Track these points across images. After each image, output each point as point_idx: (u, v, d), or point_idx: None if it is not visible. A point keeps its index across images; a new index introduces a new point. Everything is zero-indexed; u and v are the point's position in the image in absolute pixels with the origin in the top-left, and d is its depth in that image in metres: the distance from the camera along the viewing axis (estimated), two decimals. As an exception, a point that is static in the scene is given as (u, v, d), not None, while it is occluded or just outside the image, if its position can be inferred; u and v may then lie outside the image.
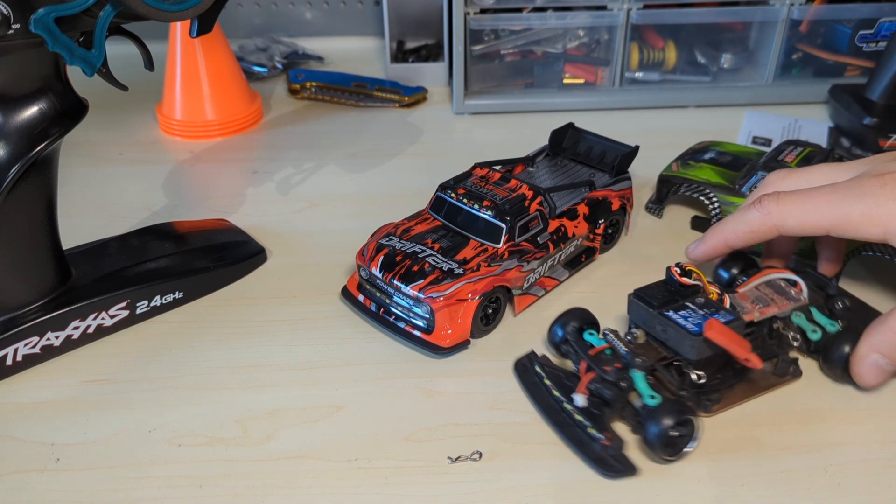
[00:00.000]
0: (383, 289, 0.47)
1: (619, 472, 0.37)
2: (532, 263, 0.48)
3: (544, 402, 0.41)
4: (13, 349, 0.43)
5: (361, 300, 0.48)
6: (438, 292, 0.44)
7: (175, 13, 0.41)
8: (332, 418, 0.42)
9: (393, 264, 0.46)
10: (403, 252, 0.46)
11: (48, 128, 0.41)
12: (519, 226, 0.47)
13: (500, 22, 0.73)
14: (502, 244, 0.47)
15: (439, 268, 0.45)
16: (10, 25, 0.36)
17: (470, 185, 0.50)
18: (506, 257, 0.47)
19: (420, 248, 0.47)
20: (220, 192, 0.64)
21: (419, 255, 0.46)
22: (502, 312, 0.48)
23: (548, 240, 0.49)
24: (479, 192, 0.49)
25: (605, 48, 0.76)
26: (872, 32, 0.75)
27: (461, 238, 0.48)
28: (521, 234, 0.47)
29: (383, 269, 0.46)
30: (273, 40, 0.89)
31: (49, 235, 0.45)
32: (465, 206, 0.48)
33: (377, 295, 0.47)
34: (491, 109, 0.76)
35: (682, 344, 0.39)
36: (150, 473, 0.38)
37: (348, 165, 0.67)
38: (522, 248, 0.48)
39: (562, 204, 0.51)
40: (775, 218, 0.42)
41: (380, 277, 0.46)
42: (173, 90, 0.71)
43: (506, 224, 0.47)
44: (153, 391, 0.43)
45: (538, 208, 0.48)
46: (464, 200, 0.48)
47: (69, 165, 0.47)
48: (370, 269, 0.46)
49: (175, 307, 0.50)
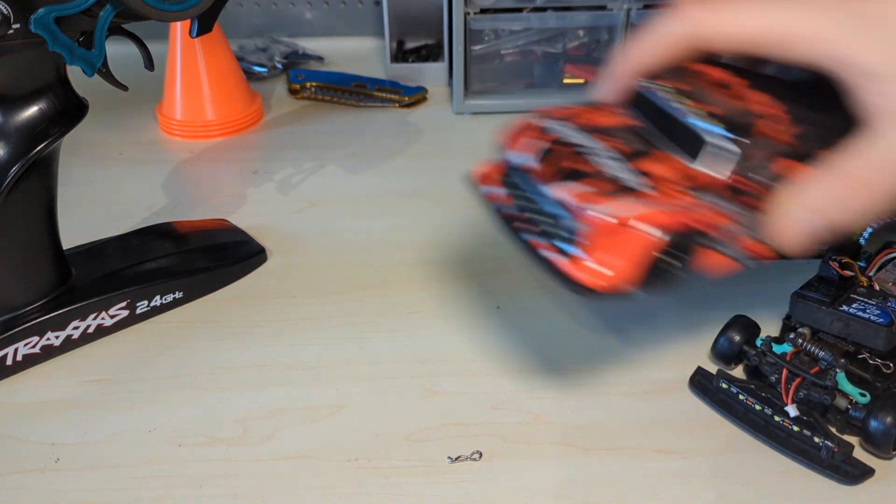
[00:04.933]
0: (530, 189, 0.34)
1: (858, 477, 0.36)
2: (750, 214, 0.33)
3: (747, 418, 0.39)
4: (13, 349, 0.43)
5: (499, 194, 0.35)
6: (608, 208, 0.31)
7: (175, 13, 0.41)
8: (332, 418, 0.42)
9: (556, 157, 0.33)
10: (571, 145, 0.33)
11: (48, 128, 0.41)
12: (757, 159, 0.32)
13: (500, 22, 0.73)
14: (729, 172, 0.32)
15: (618, 177, 0.32)
16: (10, 25, 0.36)
17: (693, 85, 0.35)
18: (721, 194, 0.32)
19: (599, 145, 0.33)
20: (220, 192, 0.64)
21: (591, 156, 0.33)
22: (685, 269, 0.33)
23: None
24: (706, 98, 0.34)
25: (605, 48, 0.76)
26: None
27: (659, 149, 0.34)
28: (755, 171, 0.32)
29: (535, 161, 0.33)
30: (273, 40, 0.89)
31: (49, 235, 0.45)
32: (680, 111, 0.33)
33: (519, 195, 0.34)
34: (491, 109, 0.76)
35: (873, 337, 0.39)
36: (150, 473, 0.38)
37: (348, 165, 0.67)
38: (747, 190, 0.32)
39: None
40: (689, 20, 0.34)
41: (532, 170, 0.33)
42: (173, 90, 0.71)
43: (739, 150, 0.32)
44: (153, 391, 0.43)
45: (790, 143, 0.33)
46: (681, 102, 0.33)
47: (69, 165, 0.47)
48: (523, 156, 0.34)
49: (175, 307, 0.50)
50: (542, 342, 0.47)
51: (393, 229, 0.58)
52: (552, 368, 0.45)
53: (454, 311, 0.49)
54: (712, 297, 0.50)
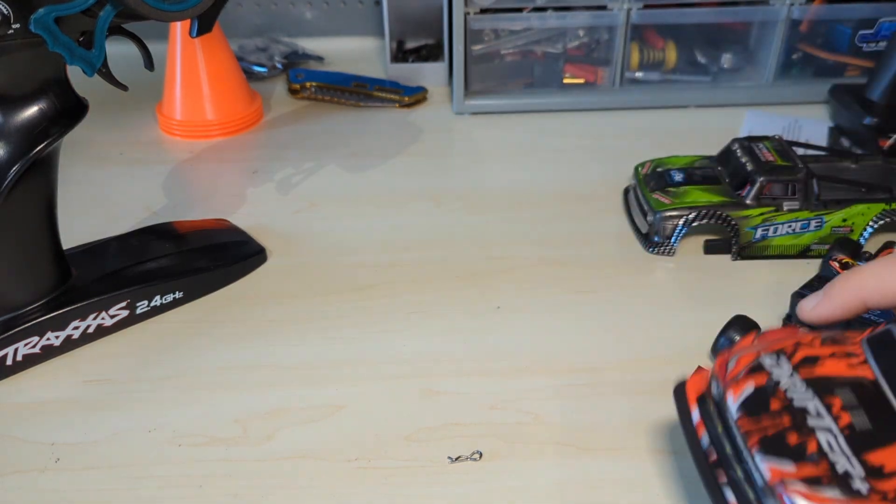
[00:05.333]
0: (732, 434, 0.28)
1: None
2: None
3: None
4: (13, 349, 0.43)
5: (694, 419, 0.29)
6: (808, 493, 0.25)
7: (175, 13, 0.41)
8: (332, 418, 0.42)
9: (761, 409, 0.27)
10: (788, 401, 0.27)
11: (48, 128, 0.41)
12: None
13: (500, 22, 0.73)
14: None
15: (831, 463, 0.25)
16: (10, 25, 0.36)
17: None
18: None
19: (818, 407, 0.27)
20: (220, 192, 0.64)
21: (809, 420, 0.26)
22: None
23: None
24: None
25: (605, 48, 0.76)
26: (872, 32, 0.75)
27: (888, 419, 0.26)
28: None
29: (743, 410, 0.27)
30: (273, 40, 0.89)
31: (49, 235, 0.45)
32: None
33: (719, 433, 0.28)
34: (491, 109, 0.76)
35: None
36: (150, 473, 0.38)
37: (348, 165, 0.67)
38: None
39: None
40: (860, 291, 0.33)
41: (734, 418, 0.28)
42: (173, 90, 0.71)
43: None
44: (153, 391, 0.43)
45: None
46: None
47: (69, 165, 0.47)
48: (726, 395, 0.28)
49: (175, 307, 0.50)
50: (542, 342, 0.46)
51: (393, 229, 0.58)
52: (552, 368, 0.45)
53: (454, 311, 0.49)
54: (712, 296, 0.50)
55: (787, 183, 0.53)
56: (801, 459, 0.25)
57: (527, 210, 0.60)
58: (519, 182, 0.64)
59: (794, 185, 0.52)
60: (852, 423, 0.26)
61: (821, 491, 0.25)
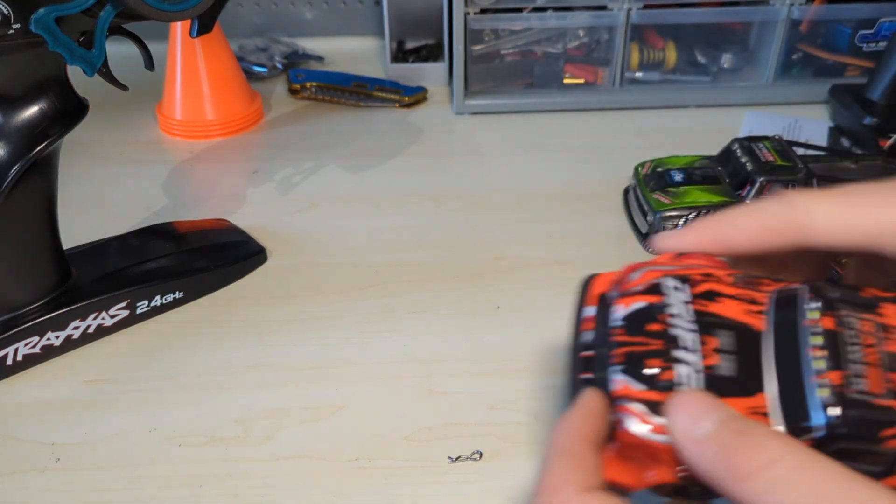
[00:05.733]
0: (608, 341, 0.27)
1: None
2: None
3: None
4: (13, 349, 0.43)
5: (586, 314, 0.29)
6: (642, 416, 0.25)
7: (175, 13, 0.41)
8: (332, 418, 0.42)
9: (640, 327, 0.26)
10: (669, 326, 0.26)
11: (48, 128, 0.41)
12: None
13: (500, 22, 0.73)
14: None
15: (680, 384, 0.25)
16: (10, 25, 0.36)
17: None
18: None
19: (694, 341, 0.25)
20: (220, 192, 0.64)
21: (677, 351, 0.25)
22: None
23: None
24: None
25: (605, 48, 0.76)
26: (872, 32, 0.75)
27: (753, 373, 0.25)
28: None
29: (624, 323, 0.26)
30: (273, 40, 0.89)
31: (49, 235, 0.45)
32: (805, 356, 0.25)
33: (603, 334, 0.27)
34: (491, 109, 0.76)
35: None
36: (150, 473, 0.38)
37: (348, 165, 0.67)
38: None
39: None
40: (800, 211, 0.28)
41: (613, 326, 0.27)
42: (173, 90, 0.71)
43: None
44: (153, 391, 0.43)
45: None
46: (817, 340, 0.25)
47: (69, 165, 0.47)
48: (617, 303, 0.27)
49: (175, 307, 0.50)
50: (542, 342, 0.46)
51: (393, 229, 0.58)
52: (552, 368, 0.45)
53: (454, 311, 0.49)
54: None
55: (787, 183, 0.53)
56: (652, 385, 0.25)
57: (527, 210, 0.60)
58: (519, 182, 0.64)
59: (793, 185, 0.52)
60: (717, 365, 0.25)
61: (655, 418, 0.25)
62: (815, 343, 0.24)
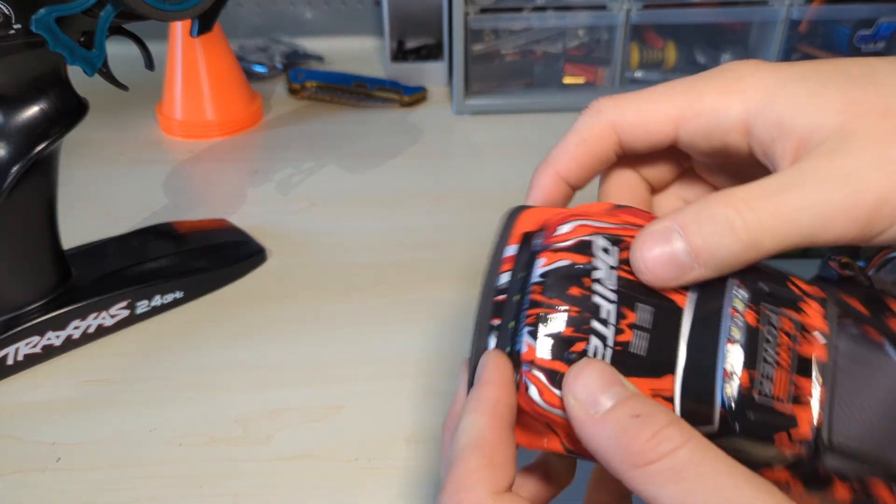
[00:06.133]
0: (524, 293, 0.25)
1: None
2: None
3: None
4: (14, 349, 0.44)
5: (507, 253, 0.27)
6: (543, 386, 0.24)
7: (175, 13, 0.41)
8: (332, 418, 0.42)
9: (559, 289, 0.24)
10: (589, 293, 0.24)
11: (49, 128, 0.41)
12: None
13: (500, 22, 0.73)
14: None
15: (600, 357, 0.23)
16: (11, 25, 0.36)
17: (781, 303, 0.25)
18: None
19: (611, 313, 0.24)
20: (220, 192, 0.64)
21: (593, 322, 0.24)
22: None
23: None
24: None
25: (605, 48, 0.76)
26: (871, 33, 0.75)
27: (665, 354, 0.24)
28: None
29: (543, 281, 0.24)
30: (273, 40, 0.89)
31: (49, 235, 0.45)
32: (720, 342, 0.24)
33: (518, 279, 0.26)
34: (491, 109, 0.76)
35: None
36: (150, 473, 0.39)
37: (348, 165, 0.67)
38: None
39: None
40: (608, 113, 0.28)
41: (531, 281, 0.25)
42: (173, 90, 0.71)
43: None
44: (153, 391, 0.44)
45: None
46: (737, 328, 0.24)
47: (69, 165, 0.47)
48: (540, 256, 0.25)
49: (175, 307, 0.50)
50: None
51: (393, 229, 0.58)
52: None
53: (454, 311, 0.49)
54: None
55: None
56: (560, 355, 0.24)
57: (527, 210, 0.60)
58: (519, 182, 0.64)
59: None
60: (630, 342, 0.24)
61: (556, 390, 0.24)
62: (733, 336, 0.24)
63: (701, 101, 0.27)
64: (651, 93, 0.28)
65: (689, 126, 0.27)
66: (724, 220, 0.23)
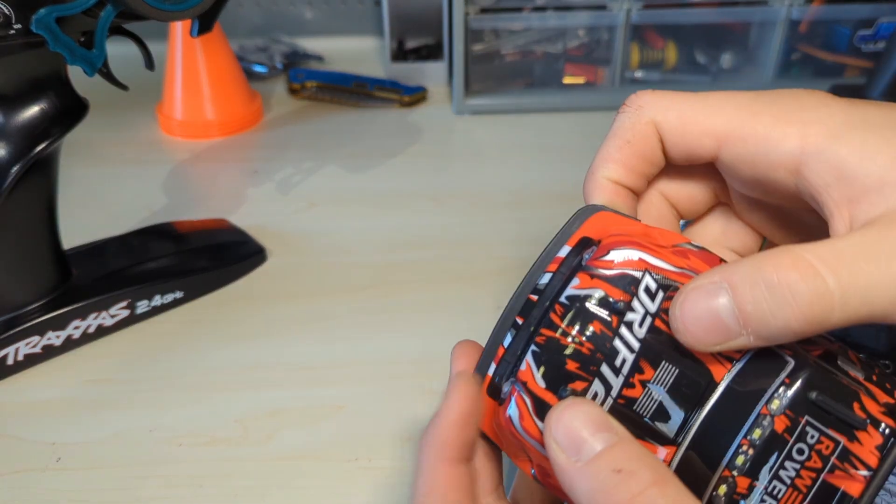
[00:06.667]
0: (551, 303, 0.23)
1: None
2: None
3: None
4: (14, 349, 0.44)
5: (559, 253, 0.24)
6: (527, 412, 0.22)
7: (175, 13, 0.41)
8: (332, 418, 0.42)
9: (584, 319, 0.22)
10: (612, 334, 0.22)
11: (49, 128, 0.41)
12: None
13: (500, 22, 0.73)
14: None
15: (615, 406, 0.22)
16: (11, 26, 0.36)
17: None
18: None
19: (627, 363, 0.21)
20: (220, 192, 0.64)
21: (603, 366, 0.21)
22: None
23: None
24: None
25: (605, 48, 0.76)
26: (871, 33, 0.75)
27: (676, 420, 0.21)
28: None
29: (569, 305, 0.22)
30: (273, 40, 0.89)
31: (49, 235, 0.45)
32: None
33: (558, 283, 0.23)
34: (491, 109, 0.76)
35: (873, 337, 0.32)
36: (150, 473, 0.39)
37: (348, 165, 0.67)
38: None
39: None
40: (649, 110, 0.26)
41: (558, 298, 0.23)
42: (173, 90, 0.71)
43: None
44: (153, 391, 0.44)
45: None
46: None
47: (69, 165, 0.47)
48: (577, 275, 0.23)
49: (175, 307, 0.50)
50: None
51: (393, 229, 0.58)
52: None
53: (454, 311, 0.49)
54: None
55: None
56: (556, 389, 0.22)
57: (527, 210, 0.60)
58: (519, 182, 0.64)
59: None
60: (636, 399, 0.21)
61: (536, 419, 0.22)
62: (753, 437, 0.21)
63: (754, 122, 0.24)
64: (699, 99, 0.25)
65: (734, 147, 0.24)
66: (785, 287, 0.19)
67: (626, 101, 0.27)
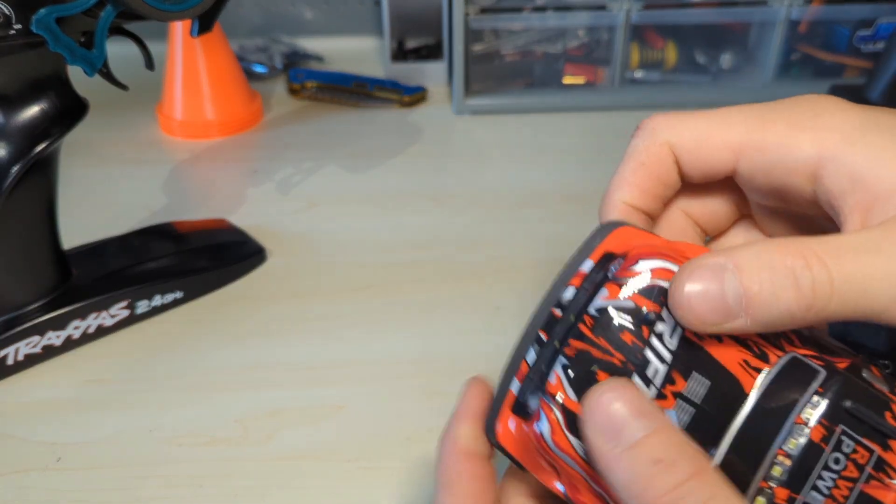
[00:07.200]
0: (577, 317, 0.22)
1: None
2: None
3: None
4: (14, 349, 0.44)
5: (582, 268, 0.23)
6: (557, 426, 0.22)
7: (175, 13, 0.41)
8: (332, 418, 0.42)
9: (613, 331, 0.22)
10: (643, 345, 0.21)
11: (49, 128, 0.41)
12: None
13: (500, 22, 0.73)
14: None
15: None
16: (11, 26, 0.36)
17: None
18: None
19: (658, 373, 0.21)
20: (219, 192, 0.64)
21: (635, 377, 0.21)
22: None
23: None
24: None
25: (605, 48, 0.76)
26: (871, 33, 0.75)
27: (709, 432, 0.21)
28: None
29: (598, 317, 0.22)
30: (273, 40, 0.89)
31: (49, 235, 0.45)
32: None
33: (581, 301, 0.23)
34: (491, 109, 0.76)
35: (873, 336, 0.31)
36: (150, 473, 0.39)
37: (348, 165, 0.67)
38: None
39: None
40: (663, 132, 0.27)
41: (586, 311, 0.22)
42: (173, 90, 0.71)
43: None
44: (153, 391, 0.44)
45: None
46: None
47: (69, 165, 0.47)
48: (605, 287, 0.22)
49: (175, 307, 0.50)
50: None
51: (393, 229, 0.58)
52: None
53: (454, 311, 0.49)
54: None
55: None
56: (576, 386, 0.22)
57: (527, 210, 0.60)
58: (519, 182, 0.64)
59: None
60: (668, 410, 0.21)
61: (569, 436, 0.22)
62: (789, 448, 0.20)
63: (769, 131, 0.24)
64: (711, 115, 0.26)
65: (751, 158, 0.24)
66: (789, 271, 0.20)
67: (639, 125, 0.28)
